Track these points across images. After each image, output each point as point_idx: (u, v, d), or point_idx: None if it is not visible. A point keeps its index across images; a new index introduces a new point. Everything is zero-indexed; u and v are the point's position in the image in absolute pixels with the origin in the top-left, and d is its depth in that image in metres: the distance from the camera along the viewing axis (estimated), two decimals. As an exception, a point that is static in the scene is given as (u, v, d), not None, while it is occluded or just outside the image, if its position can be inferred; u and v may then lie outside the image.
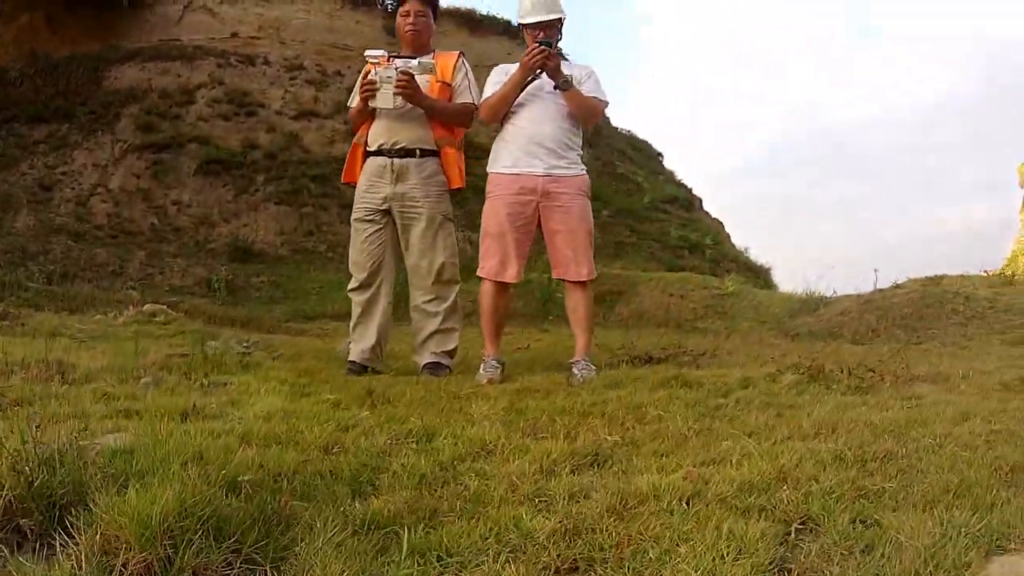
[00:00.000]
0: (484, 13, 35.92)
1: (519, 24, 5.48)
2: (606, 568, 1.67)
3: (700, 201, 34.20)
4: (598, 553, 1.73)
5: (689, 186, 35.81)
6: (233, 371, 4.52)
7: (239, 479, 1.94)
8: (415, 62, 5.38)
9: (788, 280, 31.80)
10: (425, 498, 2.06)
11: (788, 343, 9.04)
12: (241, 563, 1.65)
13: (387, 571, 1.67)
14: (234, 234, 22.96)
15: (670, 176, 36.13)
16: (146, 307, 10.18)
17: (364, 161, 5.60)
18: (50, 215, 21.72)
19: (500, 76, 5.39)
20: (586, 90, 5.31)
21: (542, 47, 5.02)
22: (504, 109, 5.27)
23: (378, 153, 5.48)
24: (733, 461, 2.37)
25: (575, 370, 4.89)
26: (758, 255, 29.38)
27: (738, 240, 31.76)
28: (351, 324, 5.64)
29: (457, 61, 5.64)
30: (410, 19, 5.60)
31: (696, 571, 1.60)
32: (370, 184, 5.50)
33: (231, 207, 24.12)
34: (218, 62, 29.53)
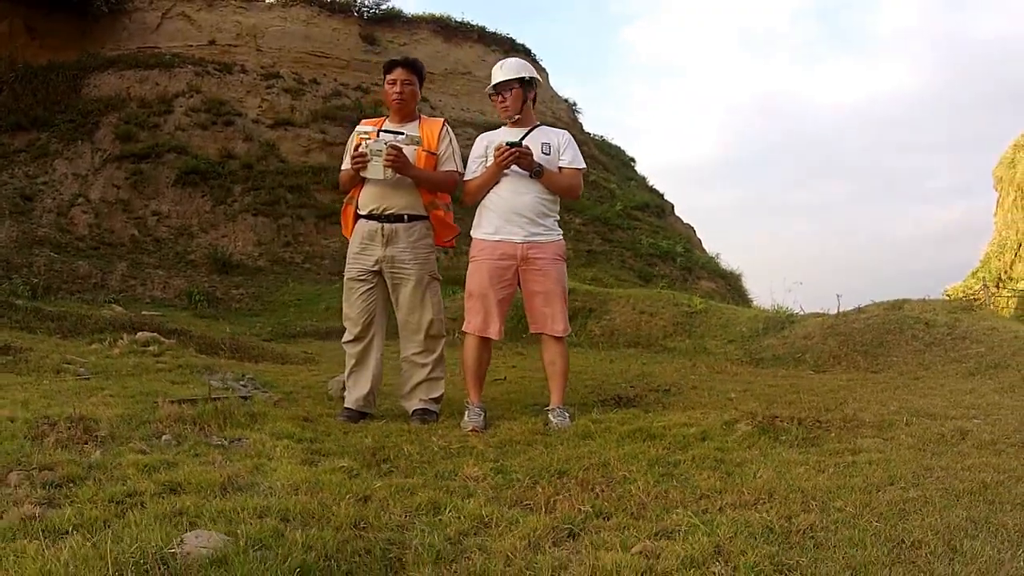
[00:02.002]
0: (459, 20, 36.44)
1: (490, 91, 5.84)
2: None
3: (671, 207, 34.72)
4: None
5: (661, 191, 36.44)
6: (242, 423, 4.94)
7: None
8: (403, 135, 5.74)
9: (759, 284, 32.50)
10: (444, 573, 2.53)
11: (752, 371, 9.55)
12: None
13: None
14: (213, 245, 23.32)
15: (642, 182, 36.69)
16: (139, 335, 10.47)
17: (355, 222, 5.98)
18: (32, 226, 21.99)
19: (481, 149, 5.80)
20: (565, 160, 5.74)
21: (511, 147, 5.44)
22: (482, 196, 5.74)
23: (369, 217, 5.85)
24: (681, 533, 2.86)
25: (552, 417, 5.37)
26: (729, 261, 30.10)
27: (712, 244, 32.49)
28: (345, 373, 6.04)
29: (441, 130, 5.95)
30: (396, 88, 5.87)
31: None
32: (362, 247, 5.88)
33: (209, 218, 24.42)
34: (196, 70, 29.80)
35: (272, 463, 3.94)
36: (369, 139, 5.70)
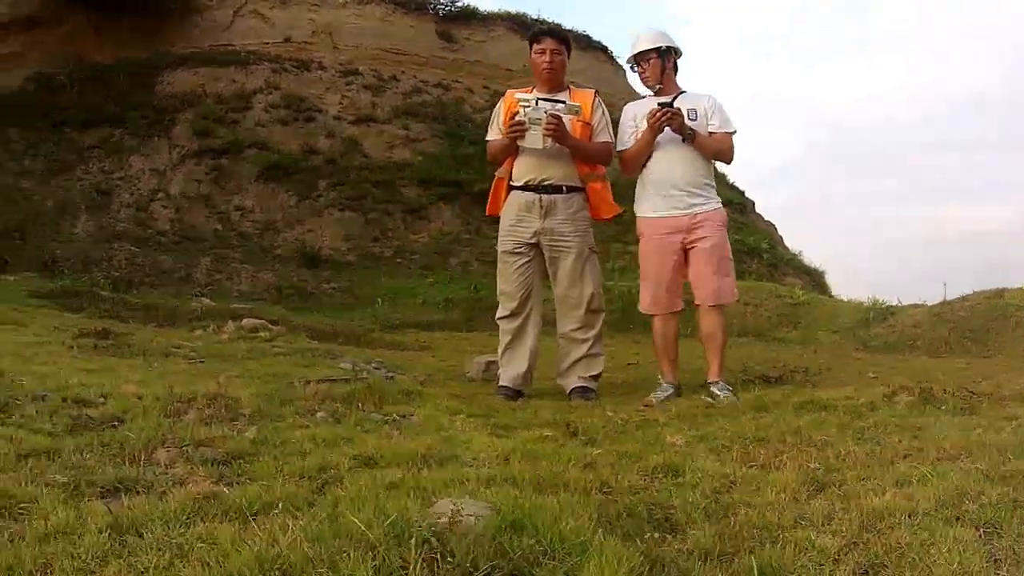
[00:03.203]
0: (534, 17, 36.25)
1: (630, 59, 5.97)
2: (897, 570, 2.22)
3: (752, 204, 34.34)
4: (876, 559, 2.28)
5: (741, 189, 36.14)
6: (399, 400, 4.86)
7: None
8: (562, 104, 5.69)
9: (842, 284, 31.98)
10: (724, 529, 2.54)
11: (871, 357, 9.58)
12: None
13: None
14: (300, 240, 23.37)
15: (722, 178, 36.37)
16: (245, 322, 10.27)
17: (507, 195, 5.94)
18: (110, 220, 22.19)
19: (629, 119, 5.88)
20: (715, 124, 5.80)
21: (664, 108, 5.51)
22: (640, 164, 5.79)
23: (525, 188, 5.80)
24: (915, 481, 2.95)
25: (716, 391, 5.44)
26: (811, 258, 29.76)
27: (790, 243, 32.09)
28: (500, 350, 5.96)
29: (594, 101, 5.93)
30: (546, 57, 5.83)
31: (952, 564, 2.17)
32: (519, 218, 5.82)
33: (294, 213, 24.54)
34: (273, 67, 29.74)
35: (462, 436, 3.86)
36: (528, 107, 5.65)
